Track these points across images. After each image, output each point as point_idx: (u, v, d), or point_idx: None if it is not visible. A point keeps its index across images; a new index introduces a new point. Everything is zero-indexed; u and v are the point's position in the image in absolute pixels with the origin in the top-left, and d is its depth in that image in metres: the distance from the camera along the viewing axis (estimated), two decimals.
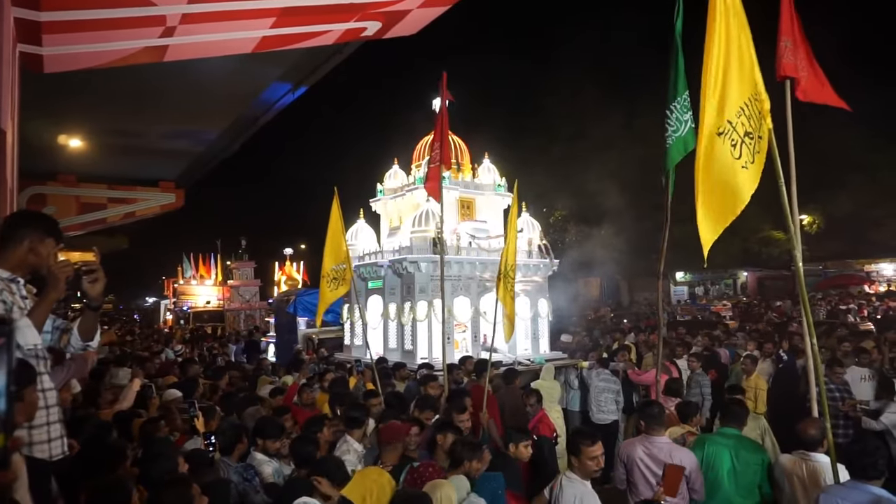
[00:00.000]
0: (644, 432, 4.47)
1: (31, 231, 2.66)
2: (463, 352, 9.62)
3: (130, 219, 13.90)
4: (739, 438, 4.58)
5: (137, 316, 43.40)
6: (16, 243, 2.63)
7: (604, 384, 8.36)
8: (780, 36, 4.69)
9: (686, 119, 5.06)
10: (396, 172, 11.54)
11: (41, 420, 2.57)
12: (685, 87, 5.08)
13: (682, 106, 5.08)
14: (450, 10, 6.50)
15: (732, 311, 23.77)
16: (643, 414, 4.59)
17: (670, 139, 5.12)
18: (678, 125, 5.09)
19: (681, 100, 5.08)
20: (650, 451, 4.34)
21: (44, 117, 8.97)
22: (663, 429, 4.52)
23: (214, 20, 5.58)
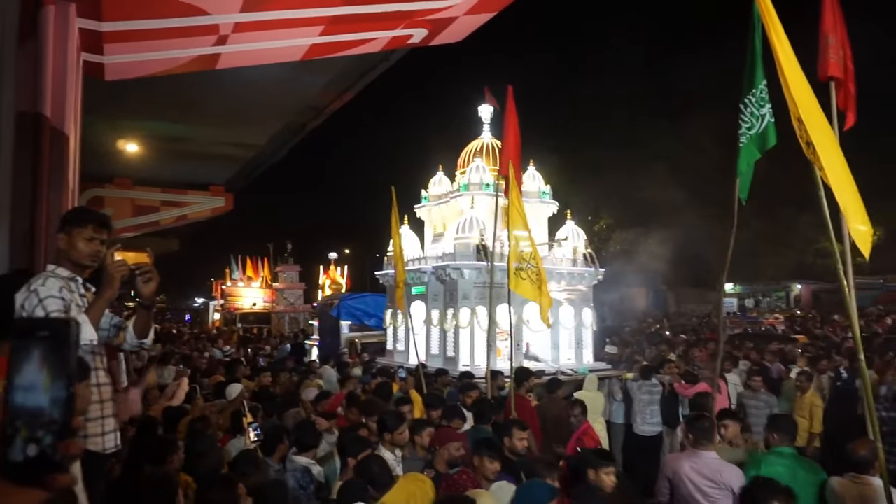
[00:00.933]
0: (692, 446, 4.32)
1: (64, 227, 2.75)
2: (505, 360, 9.54)
3: (182, 221, 14.32)
4: (796, 457, 4.34)
5: (189, 316, 44.68)
6: (59, 242, 2.74)
7: (648, 396, 8.16)
8: (823, 33, 4.31)
9: (763, 113, 4.46)
10: (441, 179, 11.57)
11: (96, 414, 2.66)
12: (763, 76, 4.46)
13: (759, 98, 4.48)
14: (496, 16, 6.49)
15: (785, 325, 22.90)
16: (692, 427, 4.42)
17: (744, 137, 4.58)
18: (753, 121, 4.52)
19: (757, 91, 4.49)
20: (697, 466, 4.19)
21: (103, 123, 9.34)
22: (712, 444, 4.36)
23: (265, 29, 5.70)
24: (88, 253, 2.74)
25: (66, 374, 0.77)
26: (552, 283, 10.22)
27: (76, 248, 2.72)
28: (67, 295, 2.62)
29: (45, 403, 0.76)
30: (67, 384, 0.77)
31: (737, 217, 4.92)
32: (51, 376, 0.76)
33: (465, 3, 5.86)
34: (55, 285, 2.59)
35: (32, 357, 0.76)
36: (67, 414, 0.77)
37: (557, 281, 10.28)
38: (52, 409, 0.76)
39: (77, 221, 2.77)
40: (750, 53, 4.49)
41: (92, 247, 2.74)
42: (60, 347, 0.77)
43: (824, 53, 4.30)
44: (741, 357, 10.91)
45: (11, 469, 0.74)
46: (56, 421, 0.76)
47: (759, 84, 4.47)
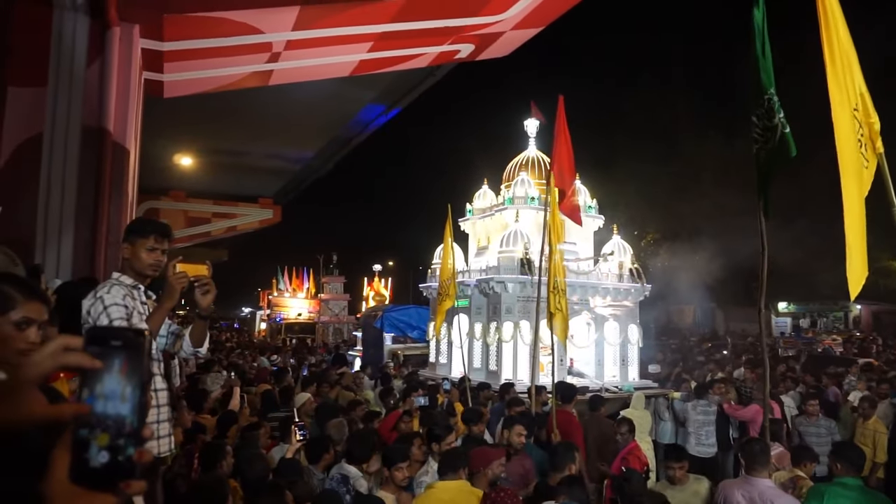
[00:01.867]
0: (745, 472, 4.15)
1: (126, 238, 2.85)
2: (548, 375, 9.43)
3: (231, 232, 14.75)
4: (863, 490, 4.05)
5: (238, 325, 45.74)
6: (122, 252, 2.86)
7: (703, 417, 7.84)
8: None
9: (775, 123, 4.07)
10: (486, 192, 11.58)
11: (152, 418, 2.74)
12: (770, 83, 4.12)
13: (767, 109, 4.12)
14: (542, 31, 6.50)
15: (844, 347, 21.93)
16: (744, 451, 4.24)
17: (761, 154, 4.22)
18: (766, 135, 4.15)
19: (765, 101, 4.13)
20: (750, 494, 4.01)
21: (161, 138, 9.71)
22: (766, 470, 4.17)
23: (316, 46, 5.85)
24: (150, 263, 2.83)
25: (141, 383, 0.80)
26: (597, 299, 10.07)
27: (139, 258, 2.82)
28: (130, 302, 2.73)
29: (125, 412, 0.78)
30: (142, 393, 0.80)
31: (765, 237, 4.64)
32: (128, 385, 0.79)
33: (513, 18, 5.89)
34: (119, 293, 2.70)
35: (112, 366, 0.79)
36: (141, 422, 0.79)
37: (603, 296, 10.12)
38: (132, 418, 0.78)
39: (140, 232, 2.87)
40: (752, 64, 4.18)
41: (153, 256, 2.84)
42: (135, 357, 0.80)
43: None
44: (798, 379, 10.48)
45: (87, 475, 0.77)
46: (134, 429, 0.78)
47: (769, 90, 4.10)
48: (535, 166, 11.02)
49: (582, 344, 9.98)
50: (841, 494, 3.90)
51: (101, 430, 0.77)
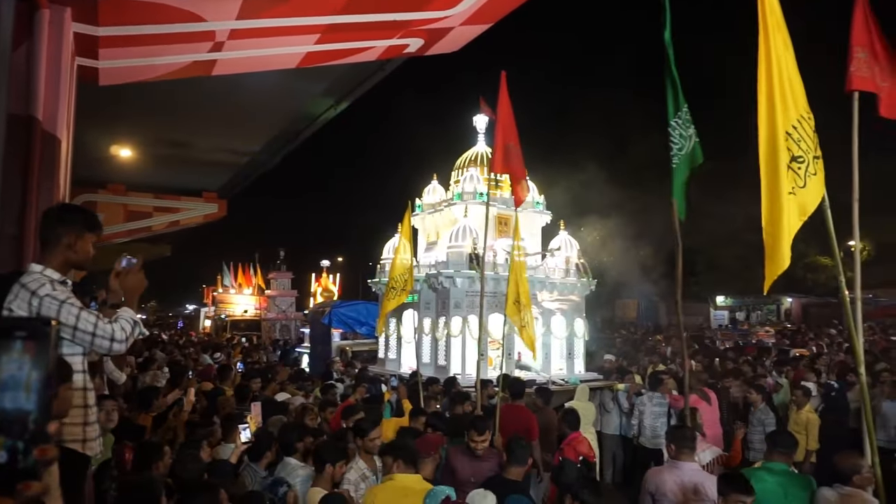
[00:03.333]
0: (672, 457, 4.30)
1: (68, 227, 2.65)
2: (497, 369, 9.53)
3: (174, 227, 14.28)
4: (789, 474, 4.26)
5: (181, 323, 44.41)
6: (56, 242, 2.62)
7: (659, 409, 8.01)
8: (853, 46, 4.21)
9: (690, 134, 4.79)
10: (435, 188, 11.60)
11: (78, 419, 2.61)
12: (684, 100, 4.82)
13: (684, 121, 4.80)
14: (492, 27, 6.53)
15: (776, 338, 23.01)
16: (673, 438, 4.41)
17: (676, 158, 4.84)
18: (682, 142, 4.80)
19: (682, 114, 4.79)
20: (680, 478, 4.15)
21: (97, 128, 9.31)
22: (693, 454, 4.35)
23: (261, 36, 5.71)
24: (90, 258, 2.71)
25: (47, 376, 0.75)
26: (545, 293, 10.24)
27: (85, 251, 2.67)
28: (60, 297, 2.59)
29: (29, 406, 0.73)
30: (46, 387, 0.74)
31: (680, 237, 5.13)
32: (32, 378, 0.74)
33: (462, 13, 5.90)
34: (61, 288, 2.56)
35: (11, 358, 0.73)
36: (45, 417, 0.74)
37: (550, 291, 10.30)
38: (35, 414, 0.73)
39: (92, 226, 2.72)
40: (669, 79, 4.75)
41: (92, 252, 2.72)
42: (41, 348, 0.75)
43: (853, 66, 4.21)
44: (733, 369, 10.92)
45: None
46: (33, 425, 0.73)
47: (683, 106, 4.74)
48: (484, 162, 11.10)
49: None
50: (765, 478, 4.10)
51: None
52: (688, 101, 4.85)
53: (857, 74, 4.22)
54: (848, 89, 4.26)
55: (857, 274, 4.00)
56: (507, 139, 6.69)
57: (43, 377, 0.73)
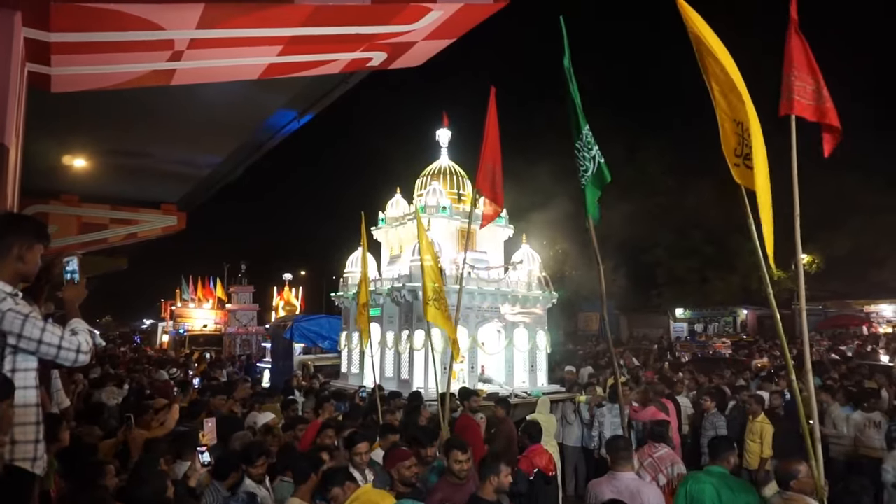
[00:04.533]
0: (610, 468, 4.37)
1: (17, 237, 2.58)
2: (460, 382, 9.53)
3: (132, 240, 13.89)
4: (724, 476, 4.42)
5: (138, 338, 43.17)
6: (5, 253, 2.55)
7: (618, 420, 8.11)
8: (787, 69, 4.34)
9: (594, 154, 4.95)
10: (398, 201, 11.60)
11: (31, 437, 2.52)
12: (585, 121, 4.99)
13: (587, 142, 4.95)
14: (454, 42, 6.59)
15: (732, 349, 23.58)
16: (609, 448, 4.50)
17: (583, 179, 5.01)
18: (588, 164, 4.96)
19: (583, 136, 4.94)
20: (618, 488, 4.21)
21: (49, 137, 9.03)
22: (629, 464, 4.42)
23: (222, 46, 5.64)
24: (37, 269, 2.65)
25: None
26: (507, 306, 10.30)
27: (34, 263, 2.61)
28: None
29: None
30: None
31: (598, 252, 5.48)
32: None
33: (425, 28, 5.94)
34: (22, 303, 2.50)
35: None
36: None
37: (513, 304, 10.37)
38: None
39: (40, 237, 2.65)
40: (570, 102, 4.95)
41: (39, 263, 2.66)
42: None
43: (787, 90, 4.31)
44: (695, 380, 11.15)
45: None
46: None
47: (584, 128, 4.91)
48: (447, 176, 11.16)
49: (492, 350, 10.17)
50: (702, 480, 4.29)
51: None
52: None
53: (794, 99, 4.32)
54: (783, 113, 4.38)
55: (800, 286, 4.14)
56: (491, 159, 6.72)
57: None
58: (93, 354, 2.79)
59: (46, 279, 2.86)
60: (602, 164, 4.91)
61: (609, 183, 4.94)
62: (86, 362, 2.64)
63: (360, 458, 4.63)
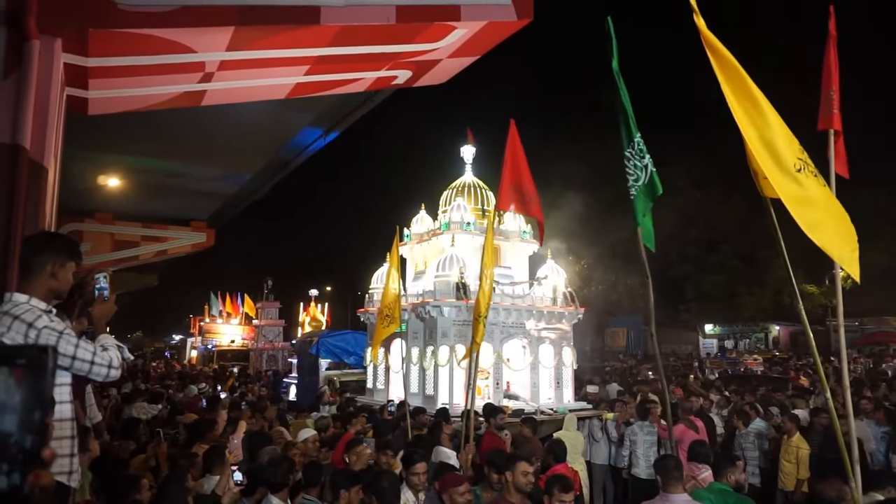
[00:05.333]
0: (662, 489, 4.29)
1: (51, 256, 2.66)
2: (485, 399, 9.47)
3: (162, 257, 14.18)
4: (725, 493, 4.42)
5: (168, 353, 43.84)
6: (39, 270, 2.63)
7: (650, 437, 7.96)
8: (826, 85, 4.37)
9: (646, 163, 4.71)
10: (423, 217, 11.65)
11: (66, 451, 2.58)
12: (637, 129, 4.77)
13: (638, 151, 4.73)
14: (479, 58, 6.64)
15: (764, 366, 23.06)
16: (659, 468, 4.40)
17: (633, 189, 4.77)
18: (638, 172, 4.73)
19: (636, 143, 4.73)
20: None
21: (86, 157, 9.32)
22: (680, 485, 4.32)
23: (251, 67, 5.77)
24: (69, 287, 2.72)
25: (42, 403, 0.75)
26: (532, 322, 10.24)
27: (66, 280, 2.68)
28: None
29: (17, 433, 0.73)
30: (43, 414, 0.75)
31: (647, 265, 5.15)
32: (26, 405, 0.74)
33: (449, 46, 6.01)
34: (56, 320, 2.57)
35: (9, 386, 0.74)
36: (40, 444, 0.75)
37: (538, 319, 10.30)
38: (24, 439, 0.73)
39: (73, 254, 2.73)
40: (620, 107, 4.74)
41: (71, 280, 2.73)
42: (37, 376, 0.76)
43: (826, 105, 4.32)
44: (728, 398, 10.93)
45: None
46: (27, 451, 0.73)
47: (636, 136, 4.69)
48: (471, 192, 11.19)
49: (517, 367, 10.11)
50: (703, 496, 4.34)
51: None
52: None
53: (833, 113, 4.33)
54: (822, 127, 4.37)
55: (839, 302, 4.06)
56: (517, 181, 6.86)
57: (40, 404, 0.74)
58: (123, 369, 2.84)
59: (79, 295, 2.92)
60: (654, 173, 4.67)
61: (660, 195, 4.69)
62: (117, 377, 2.71)
63: (418, 479, 4.50)
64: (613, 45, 4.69)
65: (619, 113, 4.79)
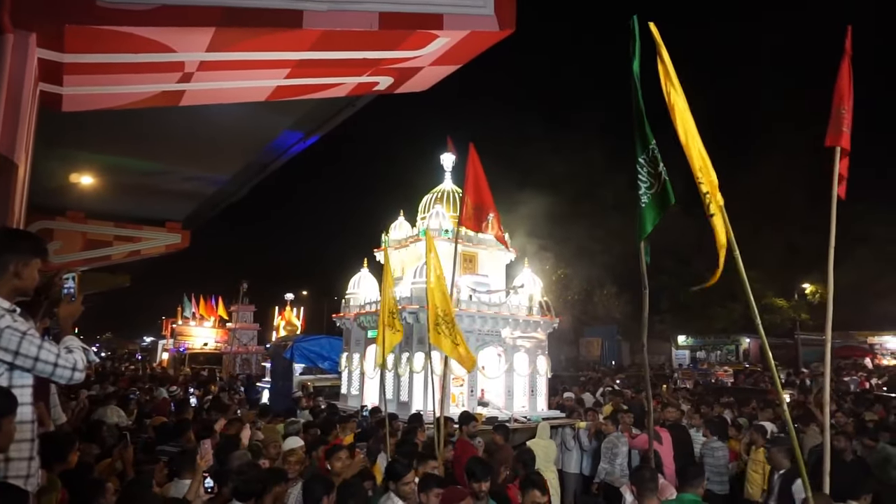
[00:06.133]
0: (637, 500, 4.34)
1: (14, 254, 2.60)
2: (460, 406, 9.48)
3: (135, 257, 13.95)
4: (695, 503, 4.47)
5: (140, 356, 43.02)
6: (2, 269, 2.57)
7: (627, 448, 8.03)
8: (838, 101, 4.33)
9: (660, 171, 4.45)
10: (401, 224, 11.65)
11: (24, 454, 2.51)
12: (652, 135, 4.54)
13: (652, 158, 4.50)
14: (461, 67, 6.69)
15: (734, 377, 23.42)
16: (634, 479, 4.45)
17: (644, 198, 4.54)
18: (651, 181, 4.51)
19: (651, 150, 4.51)
20: None
21: (59, 154, 9.14)
22: (655, 495, 4.37)
23: (231, 68, 5.74)
24: (35, 284, 2.66)
25: None
26: (508, 330, 10.28)
27: (31, 278, 2.63)
28: None
29: None
30: None
31: (646, 278, 5.03)
32: None
33: (431, 54, 6.04)
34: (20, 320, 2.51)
35: None
36: None
37: (513, 328, 10.35)
38: None
39: (38, 251, 2.68)
40: (636, 114, 4.57)
41: (37, 278, 2.67)
42: None
43: (836, 122, 4.29)
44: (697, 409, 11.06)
45: None
46: None
47: (651, 143, 4.50)
48: (450, 200, 11.23)
49: (492, 374, 10.13)
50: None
51: None
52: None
53: (843, 132, 4.33)
54: (829, 143, 4.35)
55: (828, 317, 4.17)
56: (478, 201, 7.06)
57: None
58: (91, 371, 2.79)
59: (46, 295, 2.87)
60: (668, 182, 4.40)
61: (673, 205, 4.42)
62: (81, 380, 2.64)
63: (409, 488, 4.43)
64: (636, 46, 4.44)
65: (634, 117, 4.58)
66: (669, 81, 4.01)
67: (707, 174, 3.84)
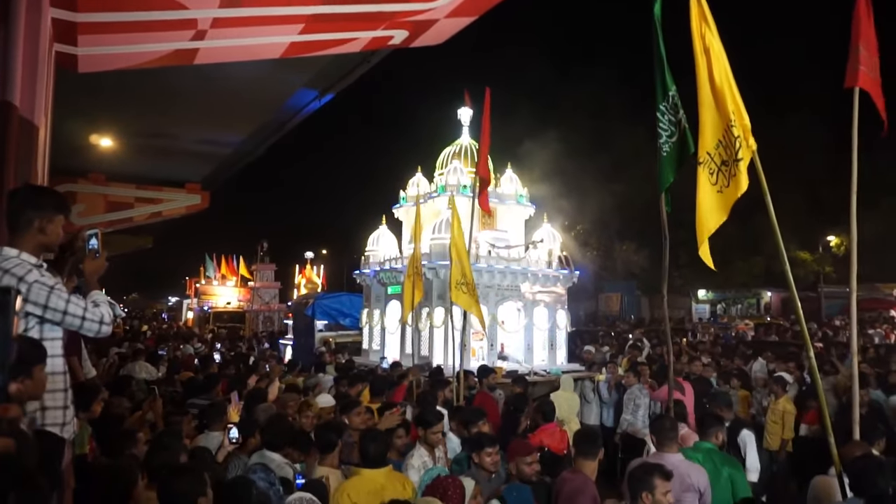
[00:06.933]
0: (657, 449, 4.39)
1: (38, 211, 2.64)
2: (479, 360, 9.60)
3: (156, 218, 14.12)
4: (710, 452, 4.52)
5: (166, 315, 43.95)
6: (28, 226, 2.61)
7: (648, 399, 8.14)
8: (855, 42, 4.16)
9: (679, 118, 4.37)
10: (419, 180, 11.61)
11: (59, 403, 2.62)
12: (672, 81, 4.44)
13: (672, 105, 4.41)
14: (479, 19, 6.53)
15: (756, 331, 23.34)
16: (654, 429, 4.50)
17: (665, 146, 4.46)
18: (671, 128, 4.42)
19: (671, 97, 4.42)
20: None
21: (78, 117, 9.19)
22: (675, 445, 4.42)
23: (245, 25, 5.67)
24: (59, 240, 2.71)
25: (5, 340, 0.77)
26: (527, 285, 10.32)
27: (56, 234, 2.68)
28: None
29: None
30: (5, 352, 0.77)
31: (667, 228, 5.07)
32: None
33: (447, 6, 5.89)
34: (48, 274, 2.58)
35: None
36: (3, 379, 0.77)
37: (532, 282, 10.38)
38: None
39: (61, 208, 2.72)
40: (657, 61, 4.49)
41: (61, 234, 2.72)
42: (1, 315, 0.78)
43: (854, 63, 4.15)
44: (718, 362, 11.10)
45: None
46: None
47: (671, 89, 4.43)
48: (467, 155, 11.13)
49: (512, 329, 10.22)
50: (690, 455, 4.43)
51: None
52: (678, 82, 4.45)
53: (860, 72, 4.18)
54: (849, 85, 4.20)
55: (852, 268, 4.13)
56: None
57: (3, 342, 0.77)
58: (118, 329, 2.86)
59: (70, 251, 2.93)
60: (687, 130, 4.30)
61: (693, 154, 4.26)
62: (108, 333, 2.73)
63: (437, 438, 4.73)
64: None
65: (655, 63, 4.48)
66: (705, 22, 3.89)
67: (740, 117, 3.80)
